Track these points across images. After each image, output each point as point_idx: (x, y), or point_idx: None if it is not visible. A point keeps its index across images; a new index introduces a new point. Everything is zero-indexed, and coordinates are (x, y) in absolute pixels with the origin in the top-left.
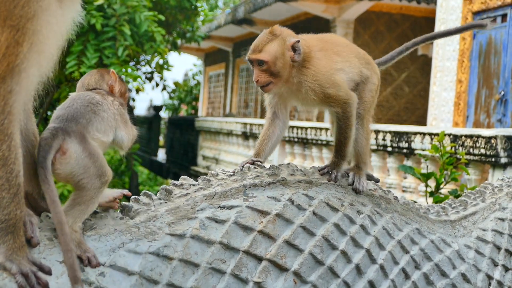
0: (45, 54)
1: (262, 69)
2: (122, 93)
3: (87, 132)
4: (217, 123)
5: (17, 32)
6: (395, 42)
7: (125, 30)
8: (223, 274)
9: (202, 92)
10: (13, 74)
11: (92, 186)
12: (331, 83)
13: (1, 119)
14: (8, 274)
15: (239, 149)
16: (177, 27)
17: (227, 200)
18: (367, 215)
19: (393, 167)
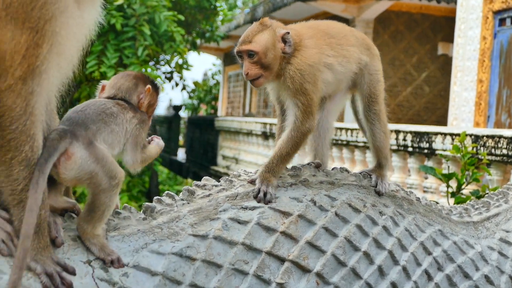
0: (65, 55)
1: (253, 61)
2: (150, 105)
3: (95, 139)
4: (237, 123)
5: (36, 33)
6: (415, 41)
7: (145, 30)
8: (246, 275)
9: (222, 91)
10: (34, 75)
11: (102, 190)
12: (312, 80)
13: (23, 120)
14: (33, 274)
15: (259, 149)
16: (197, 27)
17: (249, 201)
18: (389, 216)
19: (414, 167)
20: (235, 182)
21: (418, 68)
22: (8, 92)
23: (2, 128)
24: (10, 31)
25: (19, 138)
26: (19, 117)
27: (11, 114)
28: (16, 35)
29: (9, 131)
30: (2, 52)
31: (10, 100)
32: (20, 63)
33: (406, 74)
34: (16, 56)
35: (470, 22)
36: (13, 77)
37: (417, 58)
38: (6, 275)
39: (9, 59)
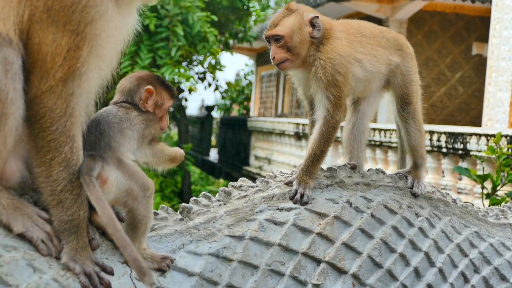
0: (104, 57)
1: (279, 45)
2: (158, 105)
3: (121, 154)
4: (269, 123)
5: (77, 36)
6: (449, 41)
7: (178, 30)
8: (282, 276)
9: (254, 92)
10: (74, 77)
11: (140, 203)
12: (343, 70)
13: (63, 121)
14: (72, 274)
15: (291, 149)
16: (230, 27)
17: (285, 202)
18: (425, 218)
19: (448, 168)
20: (271, 183)
21: (452, 69)
22: (49, 93)
23: (43, 129)
24: (51, 33)
25: (59, 139)
26: (59, 118)
27: (52, 115)
28: (57, 37)
29: (49, 132)
30: (44, 54)
31: (51, 101)
32: (61, 65)
33: (440, 75)
34: (57, 58)
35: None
36: (54, 78)
37: (451, 58)
38: (46, 274)
39: (50, 61)
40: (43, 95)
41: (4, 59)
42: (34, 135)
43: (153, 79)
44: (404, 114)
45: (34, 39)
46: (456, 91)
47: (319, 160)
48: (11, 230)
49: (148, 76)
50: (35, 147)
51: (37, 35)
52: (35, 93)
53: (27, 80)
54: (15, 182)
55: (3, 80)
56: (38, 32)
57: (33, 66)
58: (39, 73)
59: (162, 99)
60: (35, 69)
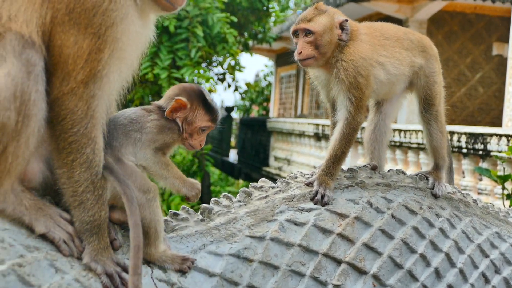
0: (125, 60)
1: (308, 41)
2: (188, 121)
3: (121, 154)
4: (289, 124)
5: (98, 39)
6: (469, 42)
7: (198, 31)
8: (303, 276)
9: (274, 93)
10: (95, 79)
11: (142, 207)
12: (365, 73)
13: (85, 123)
14: (93, 275)
15: (311, 150)
16: (249, 28)
17: (306, 203)
18: (446, 219)
19: (468, 169)
20: (292, 184)
21: (472, 69)
22: (70, 95)
23: (64, 131)
24: (73, 35)
25: (81, 140)
26: (80, 120)
27: (73, 117)
28: (78, 40)
29: (70, 134)
30: (65, 56)
31: (72, 103)
32: (82, 67)
33: (460, 75)
34: (79, 61)
35: None
36: (75, 80)
37: (471, 58)
38: (68, 274)
39: (72, 63)
40: (64, 97)
41: (27, 60)
42: (56, 137)
43: (195, 94)
44: (427, 116)
45: (56, 41)
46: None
47: (340, 161)
48: (33, 231)
49: (192, 89)
50: (57, 149)
51: (59, 37)
52: (57, 95)
53: (49, 82)
54: (37, 183)
55: (26, 82)
56: (60, 34)
57: (55, 68)
58: (60, 75)
59: (194, 117)
60: (57, 71)
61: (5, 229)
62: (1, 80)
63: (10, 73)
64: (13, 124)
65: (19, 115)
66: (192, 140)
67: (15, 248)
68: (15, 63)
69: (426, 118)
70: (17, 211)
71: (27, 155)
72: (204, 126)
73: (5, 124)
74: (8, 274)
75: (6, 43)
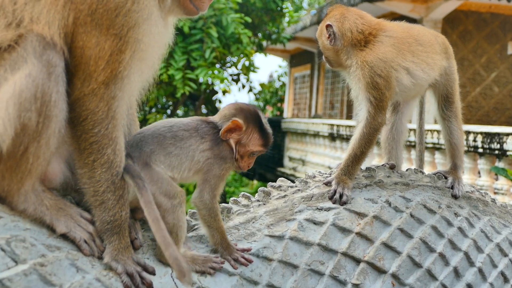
0: (146, 61)
1: None
2: (242, 144)
3: (151, 160)
4: (303, 124)
5: (120, 40)
6: (484, 41)
7: (212, 32)
8: (322, 275)
9: (288, 93)
10: (116, 81)
11: (166, 211)
12: (384, 74)
13: (106, 123)
14: (114, 274)
15: (325, 150)
16: (263, 29)
17: (324, 202)
18: (464, 218)
19: (484, 168)
20: (310, 183)
21: (487, 68)
22: (91, 96)
23: (85, 131)
24: (95, 37)
25: (102, 141)
26: (101, 121)
27: (94, 117)
28: (100, 41)
29: (91, 134)
30: (87, 57)
31: (93, 104)
32: (103, 68)
33: (475, 75)
34: (100, 62)
35: None
36: (97, 81)
37: (486, 58)
38: (89, 274)
39: (93, 64)
40: (85, 97)
41: (47, 61)
42: (77, 137)
43: (251, 117)
44: (447, 113)
45: (78, 42)
46: (491, 91)
47: (359, 161)
48: (54, 231)
49: (249, 111)
50: (78, 149)
51: (81, 39)
52: (78, 95)
53: (70, 83)
54: (58, 183)
55: (47, 83)
56: (82, 36)
57: (76, 69)
58: (82, 76)
59: (248, 140)
60: (78, 72)
61: (27, 229)
62: (22, 81)
63: (31, 74)
64: (34, 125)
65: (40, 116)
66: (241, 162)
67: (36, 248)
68: (36, 64)
69: (447, 115)
70: (38, 211)
71: (48, 155)
72: (257, 150)
73: (26, 125)
74: (30, 273)
75: (27, 44)
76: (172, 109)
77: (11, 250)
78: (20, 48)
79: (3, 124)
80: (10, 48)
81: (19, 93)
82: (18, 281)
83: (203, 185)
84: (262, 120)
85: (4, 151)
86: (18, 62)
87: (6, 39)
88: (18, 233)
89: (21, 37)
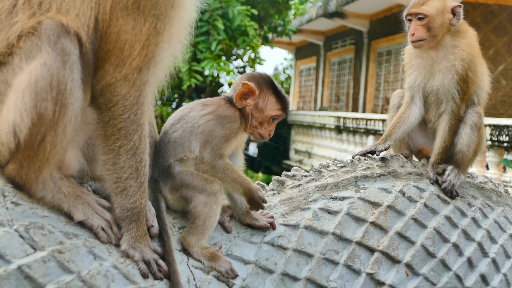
0: (179, 43)
1: (421, 24)
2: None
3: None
4: (309, 117)
5: (159, 21)
6: (492, 33)
7: (219, 24)
8: (336, 264)
9: (293, 86)
10: (150, 65)
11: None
12: (473, 69)
13: (135, 109)
14: (131, 261)
15: (331, 143)
16: (269, 21)
17: (338, 191)
18: (478, 208)
19: (492, 161)
20: (324, 173)
21: (495, 61)
22: (123, 81)
23: (114, 117)
24: (133, 19)
25: (130, 127)
26: (131, 106)
27: (125, 103)
28: (138, 23)
29: (120, 120)
30: (122, 42)
31: (125, 89)
32: (138, 52)
33: None
34: (136, 46)
35: None
36: (130, 67)
37: (493, 50)
38: (106, 261)
39: (128, 48)
40: (117, 83)
41: (61, 50)
42: (104, 123)
43: (264, 81)
44: None
45: (114, 28)
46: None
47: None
48: (72, 218)
49: (261, 76)
50: (104, 135)
51: (118, 23)
52: (109, 81)
53: (101, 69)
54: (75, 171)
55: (62, 71)
56: (119, 20)
57: (109, 55)
58: (115, 61)
59: (265, 104)
60: (111, 58)
61: (45, 216)
62: (37, 70)
63: (45, 63)
64: (51, 114)
65: (56, 104)
66: (261, 129)
67: (54, 235)
68: (50, 53)
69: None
70: (56, 198)
71: (65, 143)
72: (275, 114)
73: (42, 114)
74: (49, 260)
75: (42, 33)
76: (178, 101)
77: (30, 237)
78: (35, 36)
79: (20, 114)
80: (27, 37)
81: (35, 82)
82: (37, 268)
83: (204, 145)
84: (276, 84)
85: (22, 140)
86: (33, 51)
87: (26, 28)
88: (36, 220)
89: (38, 25)
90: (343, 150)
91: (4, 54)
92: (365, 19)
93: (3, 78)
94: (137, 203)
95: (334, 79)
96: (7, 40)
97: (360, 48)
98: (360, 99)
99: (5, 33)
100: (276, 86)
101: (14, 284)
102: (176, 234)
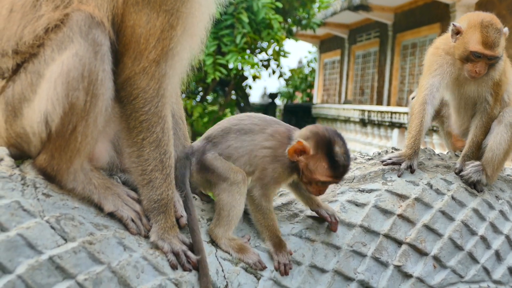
0: (196, 37)
1: (490, 63)
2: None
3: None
4: (334, 110)
5: (171, 16)
6: None
7: (243, 17)
8: (364, 257)
9: (317, 79)
10: (167, 58)
11: (222, 189)
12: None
13: (156, 101)
14: (160, 253)
15: (356, 136)
16: (293, 14)
17: (366, 184)
18: (506, 201)
19: None
20: (352, 165)
21: None
22: (142, 74)
23: (135, 110)
24: (146, 14)
25: (151, 119)
26: (151, 99)
27: (145, 96)
28: (151, 18)
29: (141, 113)
30: (137, 36)
31: (144, 82)
32: (154, 45)
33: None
34: (151, 39)
35: None
36: (148, 60)
37: None
38: (136, 252)
39: (144, 42)
40: (136, 76)
41: (93, 40)
42: (126, 116)
43: (322, 142)
44: None
45: (128, 22)
46: None
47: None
48: (102, 209)
49: (324, 136)
50: (127, 128)
51: (132, 18)
52: (128, 74)
53: (120, 62)
54: (105, 162)
55: (93, 62)
56: (132, 15)
57: (126, 48)
58: (132, 54)
59: (315, 167)
60: (128, 51)
61: (75, 207)
62: (70, 60)
63: (77, 53)
64: (82, 104)
65: (87, 94)
66: (310, 188)
67: (85, 226)
68: (82, 44)
69: None
70: (87, 189)
71: (96, 134)
72: (324, 180)
73: (74, 104)
74: (79, 251)
75: (73, 24)
76: (202, 94)
77: (61, 228)
78: (66, 28)
79: (52, 104)
80: (56, 28)
81: (67, 72)
82: (68, 259)
83: (255, 181)
84: (336, 149)
85: (53, 130)
86: (64, 42)
87: (53, 20)
88: (67, 212)
89: (67, 17)
90: (367, 143)
91: (33, 46)
92: (390, 11)
93: (34, 69)
94: (163, 195)
95: (358, 72)
96: (33, 33)
97: (385, 41)
98: (384, 92)
99: (32, 25)
100: (335, 150)
101: (45, 274)
102: (205, 226)
